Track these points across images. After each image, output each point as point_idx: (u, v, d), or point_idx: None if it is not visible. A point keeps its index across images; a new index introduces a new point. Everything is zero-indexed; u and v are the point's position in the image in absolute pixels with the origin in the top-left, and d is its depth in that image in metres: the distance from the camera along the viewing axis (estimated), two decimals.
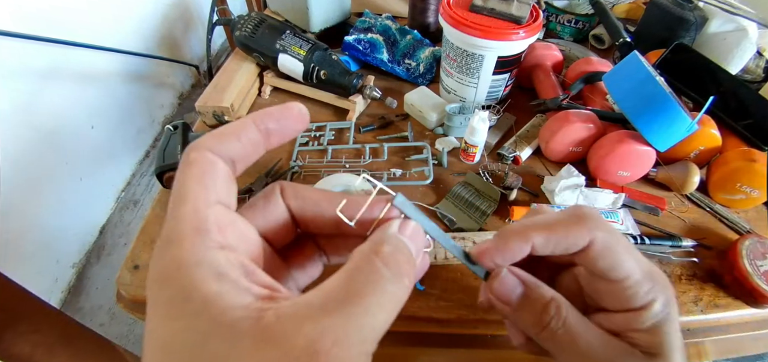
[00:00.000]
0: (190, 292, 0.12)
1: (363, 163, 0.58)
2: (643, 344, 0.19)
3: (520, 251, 0.19)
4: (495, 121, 0.63)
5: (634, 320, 0.19)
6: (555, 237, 0.18)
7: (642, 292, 0.19)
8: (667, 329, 0.19)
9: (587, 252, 0.18)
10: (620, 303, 0.19)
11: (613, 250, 0.18)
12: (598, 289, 0.20)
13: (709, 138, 0.53)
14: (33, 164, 1.17)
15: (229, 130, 0.16)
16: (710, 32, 0.71)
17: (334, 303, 0.13)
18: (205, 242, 0.13)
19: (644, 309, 0.19)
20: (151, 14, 1.66)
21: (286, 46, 0.64)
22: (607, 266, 0.18)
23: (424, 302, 0.43)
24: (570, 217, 0.19)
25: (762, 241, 0.46)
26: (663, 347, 0.18)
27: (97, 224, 1.47)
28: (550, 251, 0.19)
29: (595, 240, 0.18)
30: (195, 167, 0.15)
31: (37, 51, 1.16)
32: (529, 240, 0.18)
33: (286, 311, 0.12)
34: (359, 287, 0.13)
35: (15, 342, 0.58)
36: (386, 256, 0.15)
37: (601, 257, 0.18)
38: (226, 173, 0.15)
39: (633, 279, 0.19)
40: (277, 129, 0.17)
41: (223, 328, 0.12)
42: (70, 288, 1.32)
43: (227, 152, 0.16)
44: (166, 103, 1.86)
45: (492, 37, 0.55)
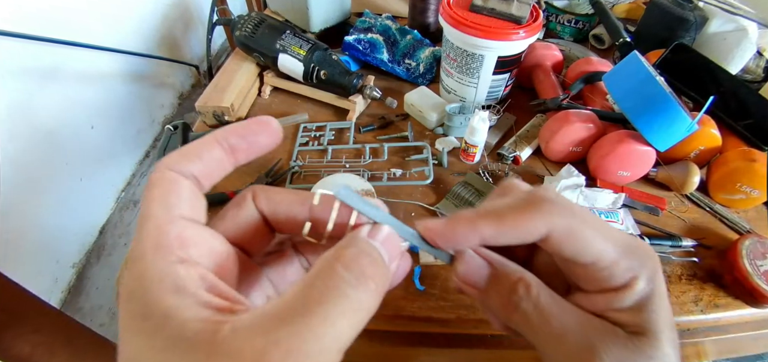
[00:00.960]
0: (150, 308, 0.12)
1: (363, 162, 0.58)
2: (627, 323, 0.17)
3: (467, 240, 0.17)
4: (495, 121, 0.63)
5: (615, 300, 0.17)
6: (506, 228, 0.16)
7: (620, 271, 0.17)
8: (652, 306, 0.17)
9: (548, 242, 0.17)
10: (597, 284, 0.17)
11: (578, 235, 0.16)
12: (572, 272, 0.18)
13: (709, 138, 0.53)
14: (33, 164, 1.16)
15: (190, 149, 0.16)
16: (710, 32, 0.71)
17: (290, 313, 0.12)
18: (165, 257, 0.13)
19: (625, 288, 0.17)
20: (151, 14, 1.66)
21: (286, 46, 0.64)
22: (574, 252, 0.17)
23: (424, 302, 0.43)
24: (523, 204, 0.17)
25: (762, 241, 0.46)
26: (649, 324, 0.17)
27: (97, 224, 1.47)
28: (503, 243, 0.17)
29: (554, 229, 0.16)
30: (156, 187, 0.15)
31: (37, 51, 1.16)
32: (478, 230, 0.17)
33: (242, 323, 0.12)
34: (317, 294, 0.13)
35: (15, 342, 0.58)
36: (348, 260, 0.14)
37: (566, 245, 0.16)
38: (190, 189, 0.15)
39: (607, 260, 0.17)
40: (241, 145, 0.17)
41: (180, 343, 0.12)
42: (70, 288, 1.32)
43: (189, 170, 0.15)
44: (166, 103, 1.86)
45: (492, 37, 0.55)
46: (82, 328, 0.71)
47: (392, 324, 0.44)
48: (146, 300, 0.12)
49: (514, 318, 0.18)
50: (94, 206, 1.47)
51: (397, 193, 0.54)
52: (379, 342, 0.47)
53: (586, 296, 0.18)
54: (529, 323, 0.17)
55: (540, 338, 0.17)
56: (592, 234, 0.17)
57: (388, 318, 0.43)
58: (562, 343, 0.17)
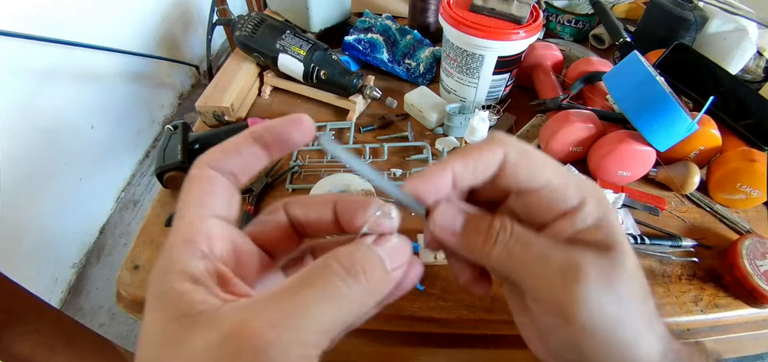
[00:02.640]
0: (169, 291, 0.14)
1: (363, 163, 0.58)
2: (594, 241, 0.18)
3: (443, 179, 0.19)
4: (495, 121, 0.63)
5: (576, 220, 0.18)
6: (471, 162, 0.19)
7: (570, 193, 0.19)
8: (609, 222, 0.19)
9: (505, 170, 0.19)
10: (553, 208, 0.19)
11: (528, 159, 0.19)
12: (530, 205, 0.20)
13: (709, 138, 0.53)
14: (33, 164, 1.16)
15: (229, 145, 0.17)
16: (710, 32, 0.71)
17: (280, 293, 0.14)
18: (190, 252, 0.15)
19: (580, 208, 0.18)
20: (151, 14, 1.66)
21: (286, 46, 0.64)
22: (527, 177, 0.19)
23: (424, 302, 0.43)
24: (482, 143, 0.19)
25: (762, 241, 0.46)
26: (613, 237, 0.18)
27: (97, 224, 1.47)
28: (470, 178, 0.19)
29: (508, 154, 0.18)
30: (195, 184, 0.17)
31: (37, 51, 1.16)
32: (448, 168, 0.19)
33: (240, 303, 0.14)
34: (307, 280, 0.14)
35: (15, 342, 0.58)
36: (341, 255, 0.15)
37: (518, 169, 0.19)
38: (226, 187, 0.17)
39: (556, 182, 0.19)
40: (276, 141, 0.18)
41: (185, 318, 0.14)
42: (70, 288, 1.32)
43: (228, 166, 0.17)
44: (166, 103, 1.86)
45: (492, 37, 0.55)
46: (82, 328, 0.71)
47: (392, 324, 0.44)
48: (167, 284, 0.14)
49: (494, 253, 0.19)
50: (94, 206, 1.47)
51: None
52: (379, 342, 0.47)
53: (549, 229, 0.19)
54: (510, 254, 0.19)
55: (523, 267, 0.18)
56: (541, 162, 0.19)
57: (388, 318, 0.43)
58: (547, 265, 0.18)
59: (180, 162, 0.52)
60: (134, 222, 1.50)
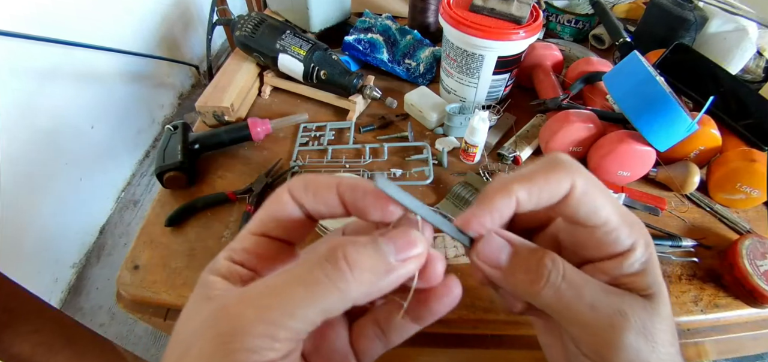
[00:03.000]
0: (204, 282, 0.17)
1: (363, 163, 0.58)
2: (638, 287, 0.18)
3: (507, 207, 0.18)
4: (495, 121, 0.63)
5: (624, 264, 0.18)
6: (537, 187, 0.17)
7: (624, 236, 0.18)
8: (653, 269, 0.18)
9: (568, 199, 0.17)
10: (605, 249, 0.18)
11: (593, 194, 0.18)
12: (579, 239, 0.19)
13: (709, 138, 0.53)
14: (33, 164, 1.16)
15: (314, 183, 0.18)
16: (710, 32, 0.71)
17: (269, 279, 0.15)
18: (225, 256, 0.18)
19: (630, 252, 0.18)
20: (150, 14, 1.66)
21: (286, 46, 0.64)
22: (589, 211, 0.18)
23: None
24: (548, 164, 0.18)
25: (762, 241, 0.46)
26: (656, 285, 0.18)
27: (97, 224, 1.47)
28: (533, 204, 0.18)
29: (576, 185, 0.17)
30: (271, 203, 0.18)
31: (37, 51, 1.16)
32: (513, 195, 0.17)
33: (239, 288, 0.16)
34: (290, 267, 0.15)
35: (15, 342, 0.58)
36: (332, 245, 0.15)
37: (582, 202, 0.17)
38: (279, 208, 0.18)
39: (614, 222, 0.18)
40: (356, 209, 0.17)
41: (206, 299, 0.16)
42: (70, 288, 1.32)
43: (301, 200, 0.18)
44: (166, 103, 1.86)
45: (492, 37, 0.55)
46: (82, 328, 0.71)
47: None
48: (204, 278, 0.17)
49: (543, 292, 0.18)
50: (94, 206, 1.47)
51: None
52: None
53: (594, 267, 0.19)
54: (559, 296, 0.18)
55: (569, 310, 0.18)
56: (603, 198, 0.18)
57: None
58: (594, 311, 0.17)
59: (180, 162, 0.52)
60: (134, 222, 1.50)
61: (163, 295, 0.43)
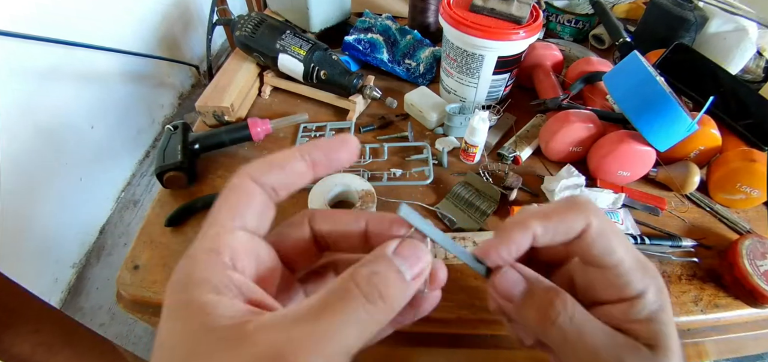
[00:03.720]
0: (191, 300, 0.14)
1: (363, 163, 0.58)
2: (643, 335, 0.18)
3: (523, 241, 0.19)
4: (495, 121, 0.63)
5: (631, 310, 0.18)
6: (553, 225, 0.18)
7: (635, 280, 0.18)
8: (663, 318, 0.19)
9: (583, 238, 0.18)
10: (615, 292, 0.19)
11: (607, 236, 0.18)
12: (593, 280, 0.20)
13: (709, 138, 0.53)
14: (33, 164, 1.16)
15: (275, 160, 0.18)
16: (710, 32, 0.71)
17: (306, 316, 0.14)
18: (214, 262, 0.15)
19: (639, 298, 0.18)
20: (150, 14, 1.66)
21: (286, 46, 0.64)
22: (602, 251, 0.18)
23: None
24: (566, 204, 0.19)
25: (762, 241, 0.46)
26: (662, 337, 0.18)
27: (97, 224, 1.47)
28: (549, 239, 0.19)
29: (591, 225, 0.18)
30: (232, 194, 0.17)
31: (37, 51, 1.16)
32: (530, 229, 0.18)
33: (265, 321, 0.14)
34: (330, 303, 0.14)
35: (15, 342, 0.58)
36: (361, 277, 0.15)
37: (596, 242, 0.18)
38: (262, 201, 0.17)
39: (626, 265, 0.18)
40: (323, 160, 0.18)
41: (211, 332, 0.14)
42: (70, 288, 1.32)
43: (269, 180, 0.17)
44: (166, 103, 1.86)
45: (492, 37, 0.55)
46: (82, 328, 0.71)
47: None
48: (189, 292, 0.14)
49: (550, 331, 0.19)
50: (94, 206, 1.47)
51: (397, 193, 0.54)
52: (379, 341, 0.47)
53: (603, 309, 0.19)
54: (565, 337, 0.18)
55: (574, 352, 0.18)
56: (617, 240, 0.18)
57: None
58: (595, 357, 0.18)
59: (180, 162, 0.52)
60: (134, 222, 1.50)
61: (162, 295, 0.43)
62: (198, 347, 0.13)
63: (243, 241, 0.16)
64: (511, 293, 0.20)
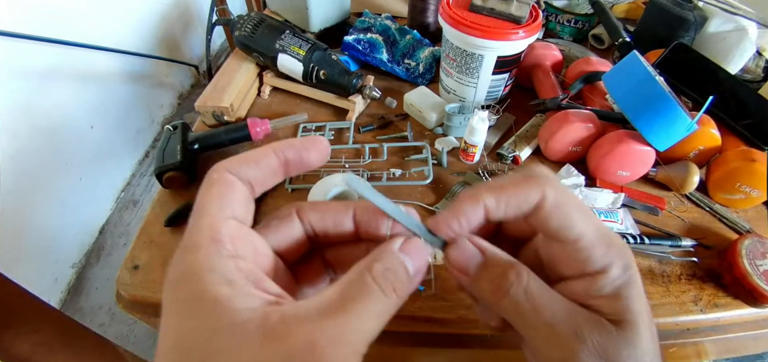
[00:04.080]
0: (202, 294, 0.14)
1: (363, 163, 0.58)
2: (607, 311, 0.18)
3: (474, 214, 0.18)
4: (494, 120, 0.63)
5: (594, 285, 0.18)
6: (505, 197, 0.18)
7: (597, 255, 0.18)
8: (628, 293, 0.18)
9: (539, 212, 0.18)
10: (577, 266, 0.18)
11: (565, 208, 0.18)
12: (555, 254, 0.19)
13: (709, 138, 0.53)
14: (33, 164, 1.16)
15: (250, 156, 0.18)
16: (710, 32, 0.71)
17: (331, 309, 0.14)
18: (218, 251, 0.15)
19: (602, 273, 0.18)
20: (150, 14, 1.66)
21: (285, 45, 0.64)
22: (560, 224, 0.18)
23: (424, 302, 0.43)
24: (521, 176, 0.18)
25: (762, 241, 0.46)
26: (627, 312, 0.18)
27: (97, 224, 1.47)
28: (502, 213, 0.18)
29: (546, 196, 0.18)
30: (215, 186, 0.17)
31: (37, 51, 1.16)
32: (481, 202, 0.18)
33: (288, 313, 0.14)
34: (352, 296, 0.15)
35: (15, 342, 0.58)
36: (377, 273, 0.16)
37: (553, 214, 0.18)
38: (244, 193, 0.17)
39: (587, 239, 0.18)
40: (295, 159, 0.18)
41: (231, 327, 0.13)
42: (70, 288, 1.32)
43: (245, 174, 0.17)
44: (166, 103, 1.86)
45: (492, 37, 0.55)
46: (82, 328, 0.71)
47: (392, 324, 0.44)
48: (198, 286, 0.14)
49: (503, 303, 0.18)
50: (94, 206, 1.47)
51: (397, 193, 0.54)
52: (379, 342, 0.46)
53: (566, 284, 0.19)
54: (518, 309, 0.18)
55: (528, 324, 0.18)
56: (577, 212, 0.18)
57: None
58: (550, 329, 0.17)
59: (179, 162, 0.52)
60: (134, 222, 1.50)
61: (162, 295, 0.43)
62: (220, 345, 0.13)
63: (237, 230, 0.16)
64: (467, 266, 0.19)
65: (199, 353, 0.13)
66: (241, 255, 0.15)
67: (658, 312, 0.43)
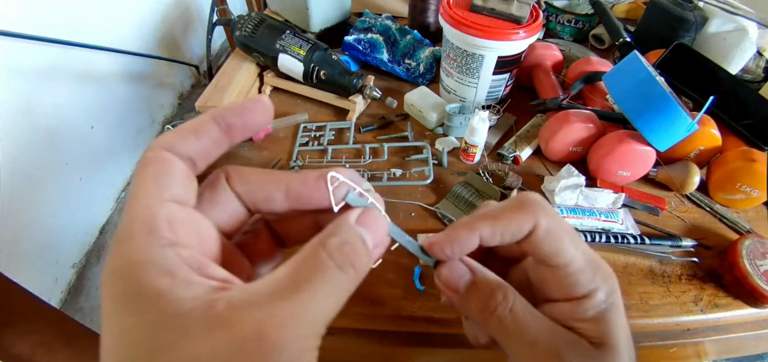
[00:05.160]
0: (141, 288, 0.13)
1: (363, 162, 0.58)
2: (589, 334, 0.18)
3: (468, 241, 0.19)
4: (495, 121, 0.63)
5: (578, 309, 0.19)
6: (501, 226, 0.19)
7: (584, 280, 0.19)
8: (611, 318, 0.19)
9: (531, 238, 0.19)
10: (564, 290, 0.19)
11: (556, 235, 0.18)
12: (543, 277, 0.20)
13: (709, 138, 0.53)
14: (33, 164, 1.16)
15: (186, 128, 0.16)
16: (710, 32, 0.71)
17: (281, 291, 0.13)
18: (155, 239, 0.13)
19: (587, 298, 0.19)
20: (150, 14, 1.66)
21: (286, 46, 0.64)
22: (550, 251, 0.19)
23: (424, 302, 0.43)
24: (515, 204, 0.19)
25: (762, 241, 0.46)
26: (609, 336, 0.18)
27: (97, 224, 1.47)
28: (498, 240, 0.19)
29: (539, 225, 0.18)
30: (150, 166, 0.15)
31: (37, 51, 1.16)
32: (476, 231, 0.19)
33: (235, 299, 0.13)
34: (305, 275, 0.14)
35: (15, 342, 0.58)
36: (332, 248, 0.15)
37: (545, 242, 0.18)
38: (183, 171, 0.16)
39: (575, 266, 0.19)
40: (238, 123, 0.17)
41: (174, 319, 0.12)
42: (70, 288, 1.32)
43: (185, 150, 0.16)
44: (166, 103, 1.86)
45: (492, 37, 0.55)
46: (82, 328, 0.71)
47: (392, 324, 0.44)
48: (136, 280, 0.13)
49: (490, 322, 0.19)
50: (94, 206, 1.47)
51: (397, 193, 0.54)
52: (379, 342, 0.47)
53: (552, 306, 0.20)
54: (504, 328, 0.19)
55: (512, 343, 0.19)
56: (568, 239, 0.19)
57: (388, 318, 0.43)
58: (533, 349, 0.18)
59: None
60: None
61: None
62: (163, 339, 0.12)
63: (178, 213, 0.15)
64: (457, 284, 0.20)
65: (145, 348, 0.12)
66: (181, 242, 0.14)
67: (658, 312, 0.43)
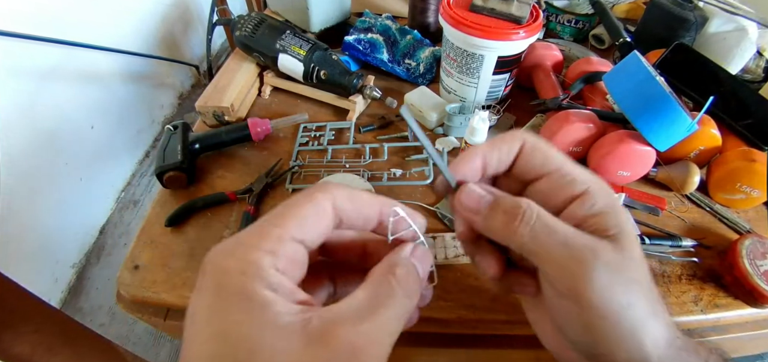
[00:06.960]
0: (250, 294, 0.15)
1: (363, 162, 0.58)
2: (600, 227, 0.20)
3: (474, 162, 0.22)
4: (495, 121, 0.63)
5: (584, 205, 0.20)
6: (496, 150, 0.22)
7: (580, 179, 0.21)
8: (617, 211, 0.20)
9: (522, 155, 0.22)
10: (565, 192, 0.21)
11: (541, 146, 0.22)
12: (545, 191, 0.22)
13: (709, 138, 0.53)
14: (33, 164, 1.17)
15: (358, 199, 0.20)
16: (710, 32, 0.71)
17: (365, 312, 0.16)
18: (272, 263, 0.16)
19: (588, 193, 0.20)
20: (150, 14, 1.66)
21: (286, 46, 0.64)
22: (541, 160, 0.22)
23: None
24: (503, 134, 0.23)
25: (762, 241, 0.46)
26: (620, 226, 0.20)
27: (97, 224, 1.47)
28: (496, 160, 0.22)
29: (525, 141, 0.22)
30: (310, 206, 0.18)
31: (37, 51, 1.16)
32: (479, 153, 0.22)
33: (326, 317, 0.16)
34: (382, 300, 0.17)
35: (15, 342, 0.58)
36: (400, 277, 0.18)
37: (533, 155, 0.22)
38: (328, 226, 0.19)
39: (567, 167, 0.21)
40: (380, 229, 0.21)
41: (277, 327, 0.15)
42: (70, 288, 1.32)
43: (342, 211, 0.19)
44: (166, 103, 1.86)
45: (492, 37, 0.55)
46: (82, 328, 0.71)
47: None
48: (245, 285, 0.15)
49: (519, 232, 0.20)
50: (94, 206, 1.47)
51: (397, 193, 0.54)
52: None
53: (562, 216, 0.21)
54: (534, 234, 0.20)
55: (543, 247, 0.20)
56: (553, 151, 0.22)
57: None
58: (566, 248, 0.19)
59: (180, 162, 0.52)
60: (134, 222, 1.50)
61: (163, 295, 0.43)
62: (269, 341, 0.14)
63: (298, 254, 0.18)
64: (478, 205, 0.21)
65: (247, 345, 0.14)
66: (286, 271, 0.17)
67: None
